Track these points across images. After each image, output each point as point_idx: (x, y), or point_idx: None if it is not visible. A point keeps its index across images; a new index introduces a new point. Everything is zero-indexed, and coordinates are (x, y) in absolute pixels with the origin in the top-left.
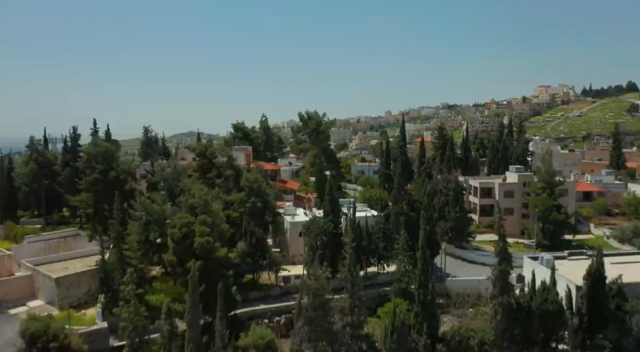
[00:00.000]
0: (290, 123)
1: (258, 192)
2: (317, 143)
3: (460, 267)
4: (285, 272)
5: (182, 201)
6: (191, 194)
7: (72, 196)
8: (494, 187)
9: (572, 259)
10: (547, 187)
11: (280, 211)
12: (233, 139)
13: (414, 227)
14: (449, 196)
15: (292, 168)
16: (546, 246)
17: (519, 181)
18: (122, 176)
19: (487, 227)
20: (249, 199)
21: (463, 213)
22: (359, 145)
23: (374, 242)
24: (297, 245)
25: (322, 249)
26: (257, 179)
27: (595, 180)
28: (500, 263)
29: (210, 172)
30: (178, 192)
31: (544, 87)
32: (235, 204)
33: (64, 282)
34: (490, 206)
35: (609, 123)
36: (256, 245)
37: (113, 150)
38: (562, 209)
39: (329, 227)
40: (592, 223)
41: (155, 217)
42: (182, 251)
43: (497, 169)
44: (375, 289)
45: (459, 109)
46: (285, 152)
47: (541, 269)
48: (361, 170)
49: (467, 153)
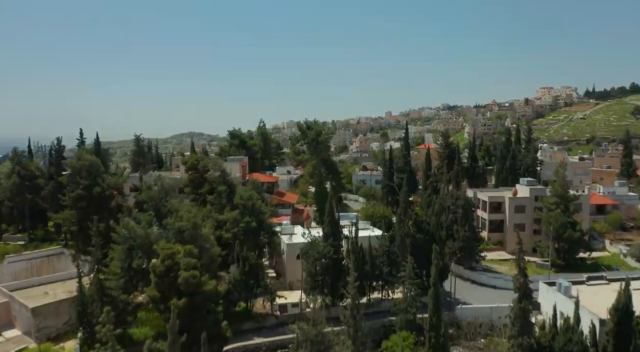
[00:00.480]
0: (290, 124)
1: (252, 210)
2: (317, 154)
3: (469, 290)
4: (282, 299)
5: (170, 223)
6: (179, 216)
7: (55, 211)
8: (504, 202)
9: (591, 284)
10: (561, 203)
11: (277, 229)
12: (229, 146)
13: (421, 250)
14: (458, 214)
15: (290, 177)
16: (560, 265)
17: (530, 195)
18: (107, 191)
19: (496, 244)
20: (242, 219)
21: (473, 232)
22: (360, 148)
23: (378, 267)
24: (295, 268)
25: (321, 274)
26: (251, 197)
27: (608, 191)
28: (521, 300)
29: (203, 186)
30: (166, 212)
31: (546, 89)
32: (228, 223)
33: (41, 312)
34: (500, 222)
35: (613, 126)
36: (249, 271)
37: (98, 164)
38: (577, 226)
39: (329, 252)
40: (607, 239)
41: (140, 242)
42: (165, 286)
43: (505, 180)
44: (379, 319)
45: (459, 109)
46: (283, 158)
47: (560, 298)
48: (362, 180)
49: (474, 163)
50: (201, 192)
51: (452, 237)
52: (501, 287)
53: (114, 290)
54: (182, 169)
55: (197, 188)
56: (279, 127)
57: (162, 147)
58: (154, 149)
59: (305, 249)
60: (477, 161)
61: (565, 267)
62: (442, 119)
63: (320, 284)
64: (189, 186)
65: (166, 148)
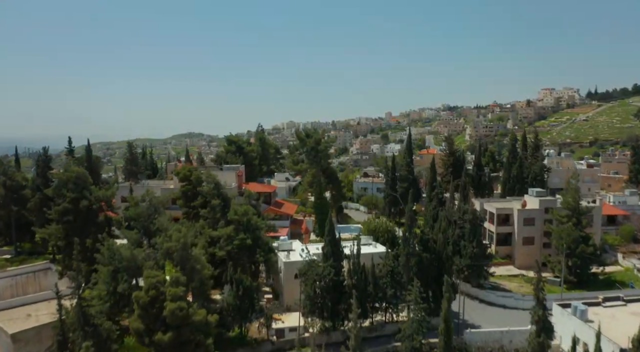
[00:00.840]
0: (290, 124)
1: (248, 226)
2: (316, 163)
3: (477, 310)
4: (279, 322)
5: (158, 242)
6: (167, 236)
7: (42, 225)
8: (512, 214)
9: (607, 305)
10: (572, 216)
11: (274, 244)
12: (226, 153)
13: (427, 269)
14: (465, 229)
15: (289, 184)
16: (572, 282)
17: (540, 207)
18: (95, 205)
19: (504, 258)
20: (237, 235)
21: (481, 249)
22: (360, 150)
23: (381, 289)
24: (293, 287)
25: (321, 297)
26: (246, 212)
27: (619, 201)
28: (539, 334)
29: (196, 199)
30: (154, 230)
31: (547, 90)
32: (221, 240)
33: (22, 337)
34: (508, 234)
35: (616, 128)
36: (244, 295)
37: (85, 176)
38: (590, 240)
39: (329, 273)
40: (619, 252)
41: (125, 265)
42: (149, 319)
43: (512, 190)
44: (382, 345)
45: (459, 110)
46: (282, 163)
47: (576, 323)
48: (364, 187)
49: (480, 171)
50: (194, 205)
51: (459, 253)
52: (511, 307)
53: (97, 317)
54: (176, 179)
55: (189, 201)
56: (279, 127)
57: (162, 148)
58: (149, 155)
59: (304, 270)
60: (482, 169)
61: (578, 283)
62: (443, 120)
63: (320, 307)
64: (182, 198)
65: (165, 148)
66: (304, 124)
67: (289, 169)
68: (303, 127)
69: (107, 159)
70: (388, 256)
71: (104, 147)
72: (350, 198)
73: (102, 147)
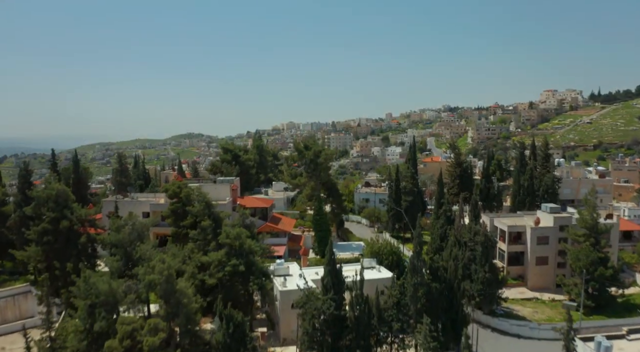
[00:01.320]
0: (290, 125)
1: (240, 251)
2: (316, 177)
3: (489, 340)
4: None
5: (140, 274)
6: (150, 266)
7: (23, 245)
8: (524, 231)
9: (632, 338)
10: (590, 235)
11: (270, 268)
12: (221, 162)
13: (437, 301)
14: (477, 251)
15: (287, 195)
16: (590, 307)
17: (554, 224)
18: (76, 225)
19: (516, 278)
20: (229, 261)
21: (494, 273)
22: (360, 153)
23: (387, 322)
24: (290, 318)
25: (320, 332)
26: (239, 234)
27: (635, 215)
28: None
29: (185, 218)
30: (137, 258)
31: (550, 92)
32: (212, 266)
33: None
34: (520, 253)
35: (620, 131)
36: (234, 332)
37: (67, 194)
38: (610, 262)
39: (329, 308)
40: (636, 271)
41: (103, 299)
42: None
43: (523, 203)
44: None
45: (460, 111)
46: (281, 170)
47: None
48: (365, 198)
49: (488, 183)
50: (184, 224)
51: (469, 278)
52: (526, 336)
53: None
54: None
55: (179, 219)
56: (279, 128)
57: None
58: (142, 164)
59: (302, 302)
60: (491, 181)
61: (596, 308)
62: (444, 122)
63: (319, 343)
64: (171, 217)
65: (165, 149)
66: (303, 124)
67: (286, 182)
68: (303, 127)
69: (106, 160)
70: (394, 286)
71: (103, 147)
72: (351, 210)
73: (102, 147)
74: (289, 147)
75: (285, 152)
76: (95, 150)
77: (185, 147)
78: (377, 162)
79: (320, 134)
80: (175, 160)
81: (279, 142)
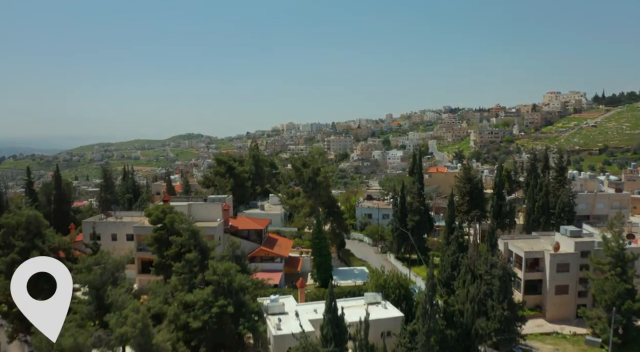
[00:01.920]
0: (290, 126)
1: (229, 289)
2: (314, 197)
3: None
4: None
5: (111, 324)
6: (123, 316)
7: None
8: (542, 257)
9: None
10: (616, 265)
11: (265, 301)
12: (215, 175)
13: (452, 349)
14: (493, 285)
15: (284, 210)
16: (616, 343)
17: (575, 250)
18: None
19: (533, 308)
20: (216, 301)
21: (513, 310)
22: (361, 156)
23: None
24: None
25: None
26: (227, 270)
27: None
28: None
29: (170, 247)
30: (109, 303)
31: (553, 93)
32: (197, 307)
33: None
34: (538, 281)
35: (626, 134)
36: None
37: (38, 220)
38: (637, 295)
39: None
40: None
41: None
42: None
43: (537, 221)
44: None
45: (461, 112)
46: (279, 181)
47: None
48: (368, 214)
49: (500, 200)
50: (168, 253)
51: (485, 314)
52: None
53: None
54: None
55: (163, 248)
56: (278, 129)
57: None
58: (130, 175)
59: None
60: (503, 198)
61: (623, 345)
62: (445, 124)
63: None
64: (154, 244)
65: (164, 150)
66: (303, 125)
67: (282, 204)
68: (302, 128)
69: (105, 161)
70: (404, 333)
71: (102, 148)
72: (352, 225)
73: (101, 148)
74: (288, 149)
75: (285, 154)
76: (94, 150)
77: (184, 148)
78: (378, 166)
79: (320, 135)
80: (174, 162)
81: (278, 143)
